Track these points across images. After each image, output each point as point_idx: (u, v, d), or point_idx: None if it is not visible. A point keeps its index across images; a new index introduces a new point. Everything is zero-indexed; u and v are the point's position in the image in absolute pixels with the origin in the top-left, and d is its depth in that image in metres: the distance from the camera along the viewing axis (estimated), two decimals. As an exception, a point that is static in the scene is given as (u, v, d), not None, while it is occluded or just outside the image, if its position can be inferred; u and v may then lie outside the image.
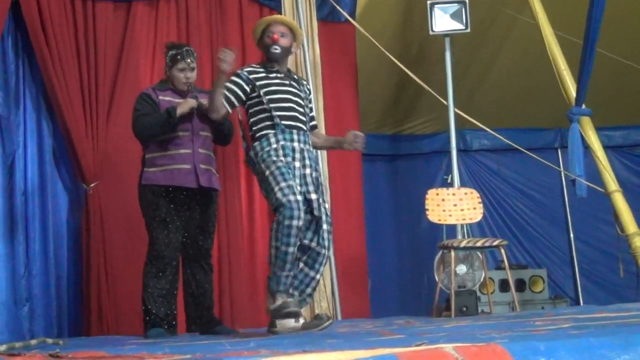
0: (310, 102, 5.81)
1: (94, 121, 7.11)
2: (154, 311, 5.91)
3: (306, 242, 5.38)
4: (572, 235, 10.20)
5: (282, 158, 5.36)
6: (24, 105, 7.10)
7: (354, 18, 8.34)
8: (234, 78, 5.55)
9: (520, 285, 9.19)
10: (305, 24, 7.86)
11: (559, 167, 9.56)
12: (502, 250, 7.33)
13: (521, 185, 10.32)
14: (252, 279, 7.60)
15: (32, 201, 7.02)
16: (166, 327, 5.93)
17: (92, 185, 7.03)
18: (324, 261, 5.46)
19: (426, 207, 7.66)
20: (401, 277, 9.90)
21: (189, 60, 6.01)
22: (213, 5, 7.76)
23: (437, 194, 7.77)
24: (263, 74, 5.58)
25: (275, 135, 5.43)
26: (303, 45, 7.67)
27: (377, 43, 7.94)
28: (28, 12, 6.95)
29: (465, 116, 8.04)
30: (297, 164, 5.42)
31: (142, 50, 7.35)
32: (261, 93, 5.52)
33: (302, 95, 5.67)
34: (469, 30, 8.16)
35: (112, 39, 7.27)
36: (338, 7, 8.19)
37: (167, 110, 5.91)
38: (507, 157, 10.05)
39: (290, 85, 5.61)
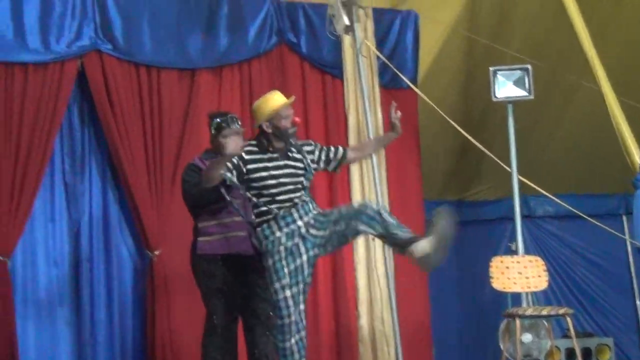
0: (320, 150, 5.77)
1: (159, 189, 7.13)
2: None
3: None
4: (638, 302, 10.03)
5: (282, 247, 5.40)
6: (89, 173, 7.14)
7: (415, 84, 8.33)
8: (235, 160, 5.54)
9: (587, 354, 9.05)
10: (367, 90, 7.78)
11: (624, 234, 9.42)
12: (568, 319, 7.23)
13: (586, 252, 10.14)
14: (313, 338, 7.46)
15: (97, 268, 7.04)
16: None
17: (156, 252, 7.03)
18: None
19: (490, 274, 7.54)
20: (466, 345, 9.79)
21: (234, 127, 5.96)
22: (276, 72, 7.81)
23: (502, 262, 7.63)
24: (258, 156, 5.54)
25: (276, 221, 5.45)
26: (365, 112, 7.60)
27: (439, 109, 7.92)
28: (94, 80, 7.01)
29: (529, 183, 7.95)
30: (302, 248, 5.45)
31: (206, 118, 7.23)
32: (255, 179, 5.50)
33: (301, 163, 5.62)
34: (532, 96, 8.02)
35: (176, 107, 7.29)
36: (400, 74, 8.18)
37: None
38: (571, 224, 9.81)
39: (285, 167, 5.56)
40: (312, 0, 7.97)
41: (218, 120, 6.01)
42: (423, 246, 5.29)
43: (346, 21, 7.30)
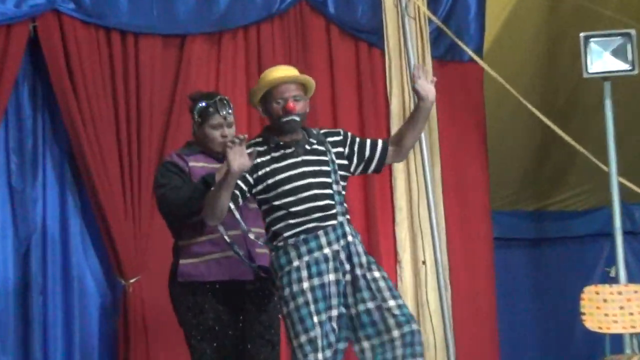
0: (352, 143, 5.50)
1: (136, 195, 6.99)
2: None
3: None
4: None
5: (305, 284, 5.21)
6: (43, 174, 6.99)
7: (481, 56, 8.31)
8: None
9: None
10: (415, 64, 7.65)
11: None
12: (686, 369, 7.33)
13: None
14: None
15: (52, 301, 6.89)
16: None
17: (132, 280, 6.91)
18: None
19: (582, 309, 7.48)
20: (549, 403, 9.61)
21: (224, 113, 5.76)
22: (294, 38, 7.75)
23: (597, 293, 7.55)
24: (267, 156, 5.37)
25: (296, 247, 5.26)
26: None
27: (512, 89, 7.87)
28: (50, 50, 6.83)
29: (633, 187, 8.04)
30: (332, 276, 5.24)
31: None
32: (267, 187, 5.34)
33: (327, 159, 5.42)
34: (636, 71, 7.95)
35: (160, 86, 7.15)
36: (460, 43, 8.11)
37: (203, 179, 5.60)
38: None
39: (304, 163, 5.35)
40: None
41: (203, 104, 5.81)
42: None
43: (389, -29, 7.48)
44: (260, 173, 5.28)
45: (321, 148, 5.37)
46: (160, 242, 6.72)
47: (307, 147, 5.35)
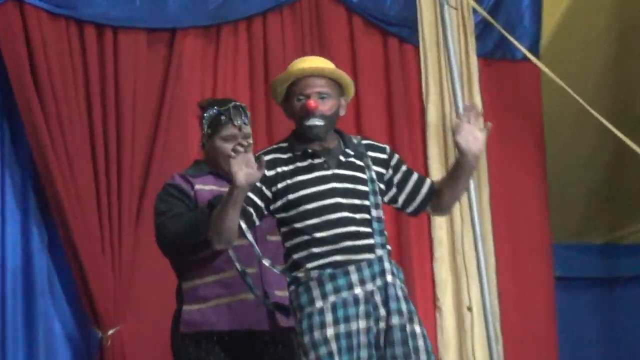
0: (397, 168, 5.39)
1: (116, 226, 6.93)
2: None
3: None
4: None
5: (330, 331, 5.08)
6: (2, 201, 6.93)
7: (537, 54, 8.29)
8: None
9: None
10: (458, 63, 7.79)
11: None
12: None
13: None
14: None
15: (13, 356, 6.81)
16: None
17: (110, 332, 6.82)
18: None
19: None
20: None
21: (239, 122, 5.68)
22: (307, 31, 7.73)
23: None
24: (291, 166, 5.25)
25: (320, 283, 5.12)
26: (455, 98, 7.65)
27: (576, 96, 7.77)
28: (10, 47, 6.80)
29: None
30: (362, 323, 5.10)
31: (192, 107, 6.89)
32: (288, 204, 5.20)
33: (365, 177, 5.27)
34: None
35: (144, 89, 7.12)
36: (511, 38, 8.05)
37: (209, 203, 5.47)
38: None
39: (335, 178, 5.20)
40: None
41: (214, 111, 5.75)
42: None
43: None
44: (280, 186, 5.14)
45: (359, 162, 5.22)
46: (147, 284, 6.88)
47: (342, 158, 5.20)
